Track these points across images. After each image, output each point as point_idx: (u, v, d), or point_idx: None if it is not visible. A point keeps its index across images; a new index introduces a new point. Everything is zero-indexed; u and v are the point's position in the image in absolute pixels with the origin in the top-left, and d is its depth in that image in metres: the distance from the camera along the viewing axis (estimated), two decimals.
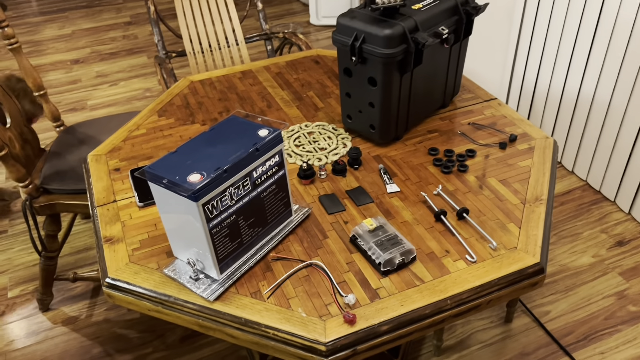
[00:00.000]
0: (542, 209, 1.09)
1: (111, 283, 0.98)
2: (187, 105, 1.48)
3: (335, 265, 0.99)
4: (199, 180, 0.86)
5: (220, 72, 1.64)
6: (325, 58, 1.70)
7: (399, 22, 1.13)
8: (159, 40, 2.15)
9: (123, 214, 1.13)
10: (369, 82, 1.20)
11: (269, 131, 0.96)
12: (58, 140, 1.74)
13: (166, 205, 0.92)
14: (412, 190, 1.15)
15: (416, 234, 1.05)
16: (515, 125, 1.34)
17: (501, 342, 1.62)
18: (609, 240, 1.94)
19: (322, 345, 0.86)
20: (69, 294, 1.82)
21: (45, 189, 1.56)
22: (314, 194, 1.16)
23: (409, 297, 0.93)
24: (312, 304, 0.92)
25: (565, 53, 2.10)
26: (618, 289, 1.76)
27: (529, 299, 1.74)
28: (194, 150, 0.93)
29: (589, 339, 1.62)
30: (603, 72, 1.97)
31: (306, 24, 3.73)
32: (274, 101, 1.48)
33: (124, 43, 3.55)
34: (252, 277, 0.98)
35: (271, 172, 0.98)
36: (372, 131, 1.27)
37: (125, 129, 1.39)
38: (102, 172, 1.25)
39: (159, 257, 1.03)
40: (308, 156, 1.26)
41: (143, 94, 2.98)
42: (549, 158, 1.23)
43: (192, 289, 0.95)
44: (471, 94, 1.48)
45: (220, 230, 0.91)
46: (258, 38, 2.29)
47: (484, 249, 1.01)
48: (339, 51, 1.22)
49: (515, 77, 2.42)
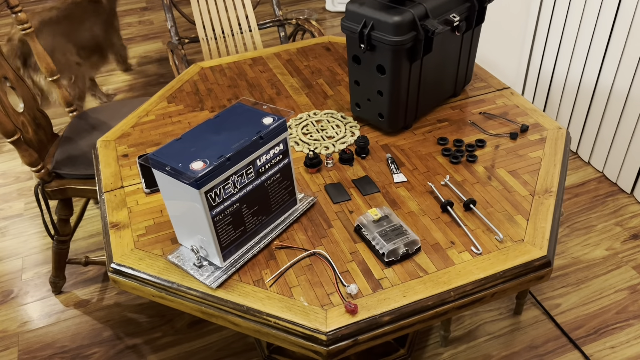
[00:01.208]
0: (551, 201, 1.07)
1: (116, 269, 0.99)
2: (197, 92, 1.48)
3: (338, 255, 0.99)
4: (202, 167, 0.86)
5: (230, 58, 1.63)
6: (337, 45, 1.68)
7: (409, 9, 1.11)
8: (172, 26, 2.15)
9: (130, 200, 1.13)
10: (377, 70, 1.19)
11: (274, 119, 0.96)
12: (71, 125, 1.76)
13: (170, 192, 0.92)
14: (419, 181, 1.14)
15: (422, 224, 1.04)
16: (527, 115, 1.32)
17: (510, 334, 1.61)
18: (624, 233, 1.90)
19: (322, 335, 0.86)
20: (81, 278, 1.84)
21: (57, 173, 1.58)
22: (320, 182, 1.15)
23: (412, 288, 0.92)
24: (315, 293, 0.92)
25: (584, 42, 2.05)
26: (631, 282, 1.73)
27: (540, 291, 1.72)
28: (198, 138, 0.93)
29: (599, 333, 1.59)
30: (622, 61, 1.92)
31: (322, 10, 3.70)
32: (283, 88, 1.48)
33: (139, 29, 3.56)
34: (256, 265, 0.98)
35: (275, 160, 0.97)
36: (381, 120, 1.26)
37: (134, 115, 1.39)
38: (110, 158, 1.25)
39: (163, 243, 1.03)
40: (315, 144, 1.25)
41: (157, 80, 2.98)
42: (560, 149, 1.21)
43: (196, 275, 0.95)
44: (484, 83, 1.45)
45: (223, 218, 0.91)
46: (271, 24, 2.28)
47: (490, 240, 1.00)
48: (348, 38, 1.20)
49: (532, 66, 2.38)
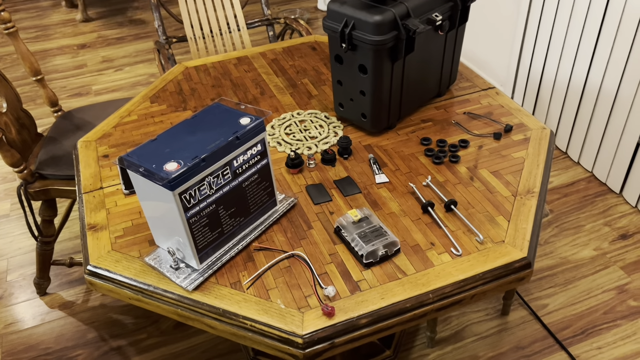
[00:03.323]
0: (533, 202, 1.06)
1: (92, 271, 0.98)
2: (180, 92, 1.47)
3: (317, 257, 0.98)
4: (176, 168, 0.85)
5: (215, 58, 1.62)
6: (323, 44, 1.67)
7: (390, 8, 1.10)
8: (159, 26, 2.13)
9: (109, 201, 1.12)
10: (359, 70, 1.18)
11: (251, 119, 0.94)
12: (55, 125, 1.74)
13: (146, 194, 0.91)
14: (401, 181, 1.13)
15: (402, 225, 1.03)
16: (512, 115, 1.31)
17: (497, 335, 1.60)
18: (612, 233, 1.90)
19: (298, 338, 0.85)
20: (67, 279, 1.83)
21: (40, 174, 1.57)
22: (302, 183, 1.14)
23: (390, 290, 0.91)
24: (292, 296, 0.91)
25: (572, 42, 2.05)
26: (619, 283, 1.73)
27: (527, 291, 1.71)
28: (173, 138, 0.92)
29: (586, 334, 1.59)
30: (610, 62, 1.92)
31: (314, 10, 3.69)
32: (267, 88, 1.46)
33: (130, 28, 3.54)
34: (233, 267, 0.97)
35: (253, 161, 0.96)
36: (364, 120, 1.25)
37: (116, 115, 1.38)
38: (90, 159, 1.24)
39: (141, 245, 1.02)
40: (298, 145, 1.24)
41: (147, 79, 2.97)
42: (544, 149, 1.20)
43: (172, 278, 0.94)
44: (469, 83, 1.44)
45: (199, 219, 0.90)
46: (260, 24, 2.26)
47: (471, 242, 0.99)
48: (330, 38, 1.19)
49: (522, 66, 2.37)
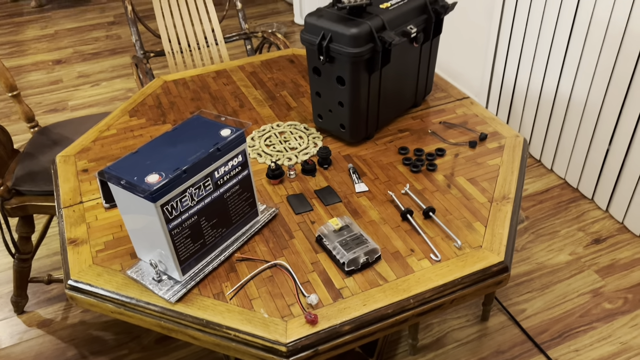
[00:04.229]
0: (508, 207, 1.09)
1: (73, 285, 0.98)
2: (159, 105, 1.47)
3: (300, 266, 0.99)
4: (157, 180, 0.85)
5: (194, 71, 1.63)
6: (301, 57, 1.69)
7: (366, 21, 1.12)
8: (136, 40, 2.14)
9: (89, 216, 1.12)
10: (337, 82, 1.20)
11: (232, 131, 0.96)
12: (32, 141, 1.73)
13: (127, 206, 0.91)
14: (380, 190, 1.15)
15: (382, 233, 1.05)
16: (486, 124, 1.35)
17: (477, 340, 1.62)
18: (586, 238, 1.95)
19: (282, 346, 0.86)
20: (45, 297, 1.80)
21: (17, 190, 1.55)
22: (283, 194, 1.16)
23: (372, 296, 0.93)
24: (275, 305, 0.92)
25: (543, 53, 2.11)
26: (594, 286, 1.77)
27: (505, 297, 1.74)
28: (154, 151, 0.92)
29: (564, 337, 1.62)
30: (579, 72, 1.98)
31: (290, 23, 3.72)
32: (246, 101, 1.48)
33: (106, 43, 3.53)
34: (216, 278, 0.97)
35: (234, 172, 0.97)
36: (343, 130, 1.27)
37: (95, 129, 1.38)
38: (69, 173, 1.24)
39: (122, 258, 1.02)
40: (278, 156, 1.26)
41: (125, 94, 2.96)
42: (518, 156, 1.23)
43: (154, 290, 0.94)
44: (444, 93, 1.48)
45: (181, 231, 0.91)
46: (237, 38, 2.28)
47: (449, 247, 1.01)
48: (308, 50, 1.21)
49: (495, 76, 2.43)
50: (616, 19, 1.79)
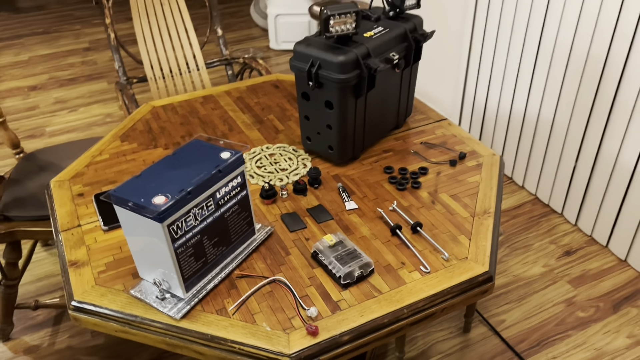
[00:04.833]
0: (490, 221, 1.17)
1: (77, 306, 1.00)
2: (150, 130, 1.51)
3: (297, 280, 1.04)
4: (164, 202, 0.89)
5: (181, 97, 1.68)
6: (285, 82, 1.76)
7: (352, 49, 1.20)
8: (119, 67, 2.17)
9: (88, 238, 1.14)
10: (326, 106, 1.26)
11: (231, 153, 1.01)
12: (17, 167, 1.74)
13: (132, 228, 0.95)
14: (369, 207, 1.21)
15: (374, 248, 1.11)
16: (464, 144, 1.43)
17: (460, 351, 1.69)
18: (558, 250, 2.05)
19: (286, 357, 0.90)
20: (30, 323, 1.79)
21: (5, 216, 1.55)
22: (276, 213, 1.21)
23: (368, 307, 0.98)
24: (276, 318, 0.96)
25: (511, 76, 2.23)
26: (567, 296, 1.86)
27: (485, 309, 1.82)
28: (157, 174, 0.97)
29: (541, 345, 1.70)
30: (545, 94, 2.10)
31: (266, 49, 3.80)
32: (235, 125, 1.53)
33: (82, 69, 3.54)
34: (217, 294, 1.01)
35: (234, 192, 1.02)
36: (331, 152, 1.33)
37: (88, 154, 1.41)
38: (65, 198, 1.26)
39: (124, 278, 1.05)
40: (270, 177, 1.31)
41: (103, 119, 2.97)
42: (495, 173, 1.32)
43: (159, 308, 0.97)
44: (423, 115, 1.56)
45: (185, 250, 0.95)
46: (219, 63, 2.34)
47: (437, 260, 1.08)
48: (297, 76, 1.28)
49: (467, 99, 2.55)
50: (579, 43, 1.92)
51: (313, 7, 3.05)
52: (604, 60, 1.84)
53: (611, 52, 1.82)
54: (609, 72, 1.84)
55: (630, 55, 1.76)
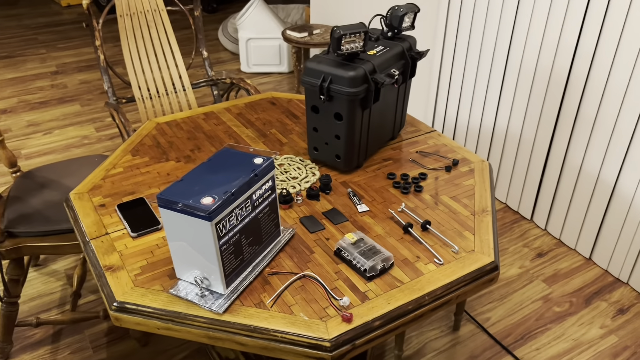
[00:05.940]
0: (488, 218, 1.30)
1: (119, 306, 1.05)
2: (158, 145, 1.57)
3: (325, 275, 1.12)
4: (212, 202, 0.97)
5: (183, 114, 1.75)
6: (280, 99, 1.86)
7: (360, 66, 1.32)
8: (109, 87, 2.22)
9: (118, 245, 1.19)
10: (335, 117, 1.37)
11: (264, 159, 1.10)
12: (16, 185, 1.75)
13: (176, 228, 1.01)
14: (379, 209, 1.32)
15: (389, 244, 1.21)
16: (455, 152, 1.57)
17: (452, 348, 1.80)
18: (531, 252, 2.21)
19: (326, 342, 0.98)
20: (28, 342, 1.78)
21: (10, 232, 1.57)
22: (294, 216, 1.29)
23: (393, 296, 1.08)
24: (312, 309, 1.05)
25: (480, 93, 2.42)
26: (543, 293, 2.02)
27: (472, 308, 1.94)
28: (198, 178, 1.04)
29: (525, 338, 1.83)
30: (514, 108, 2.29)
31: (237, 72, 3.90)
32: (240, 138, 1.62)
33: (53, 92, 3.52)
34: (253, 290, 1.08)
35: (266, 195, 1.11)
36: (338, 160, 1.43)
37: (102, 168, 1.45)
38: (88, 209, 1.30)
39: (161, 279, 1.11)
40: (282, 185, 1.40)
41: (81, 141, 2.97)
42: (487, 177, 1.46)
43: (201, 304, 1.04)
44: (414, 127, 1.69)
45: (227, 247, 1.02)
46: (205, 84, 2.42)
47: (448, 253, 1.19)
48: (307, 91, 1.38)
49: (438, 115, 2.72)
50: (543, 61, 2.12)
51: (287, 32, 3.18)
52: (567, 76, 2.05)
53: (573, 69, 2.02)
54: (571, 88, 2.04)
55: (591, 72, 1.96)
